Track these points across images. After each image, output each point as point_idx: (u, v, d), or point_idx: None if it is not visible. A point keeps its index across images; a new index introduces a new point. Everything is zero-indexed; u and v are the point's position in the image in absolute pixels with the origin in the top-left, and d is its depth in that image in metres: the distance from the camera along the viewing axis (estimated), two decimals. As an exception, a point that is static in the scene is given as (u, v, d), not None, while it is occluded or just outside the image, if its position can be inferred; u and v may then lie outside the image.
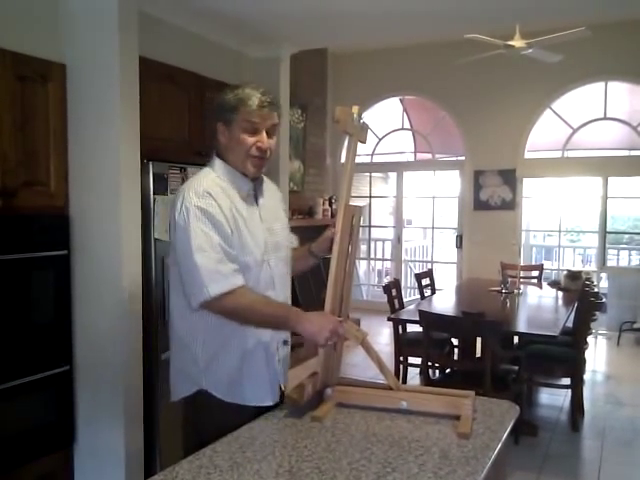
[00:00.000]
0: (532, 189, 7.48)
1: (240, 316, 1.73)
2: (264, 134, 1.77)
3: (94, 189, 2.81)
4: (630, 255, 8.72)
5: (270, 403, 1.82)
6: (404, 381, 4.48)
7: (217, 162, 1.83)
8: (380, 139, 8.28)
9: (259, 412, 1.78)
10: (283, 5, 3.37)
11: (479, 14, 3.59)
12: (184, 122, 3.39)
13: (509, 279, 5.13)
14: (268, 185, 1.97)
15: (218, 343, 1.78)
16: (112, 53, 2.73)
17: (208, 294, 1.66)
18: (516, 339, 4.42)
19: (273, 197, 1.97)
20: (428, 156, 8.19)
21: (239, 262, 1.73)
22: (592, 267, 7.86)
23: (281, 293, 1.87)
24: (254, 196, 1.85)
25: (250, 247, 1.76)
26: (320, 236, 1.93)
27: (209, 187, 1.73)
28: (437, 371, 4.56)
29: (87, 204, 2.83)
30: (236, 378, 1.79)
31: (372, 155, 8.35)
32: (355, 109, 1.77)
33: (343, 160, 8.12)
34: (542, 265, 6.40)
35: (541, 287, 5.67)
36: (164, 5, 3.27)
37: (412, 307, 4.65)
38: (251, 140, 1.76)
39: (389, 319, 4.37)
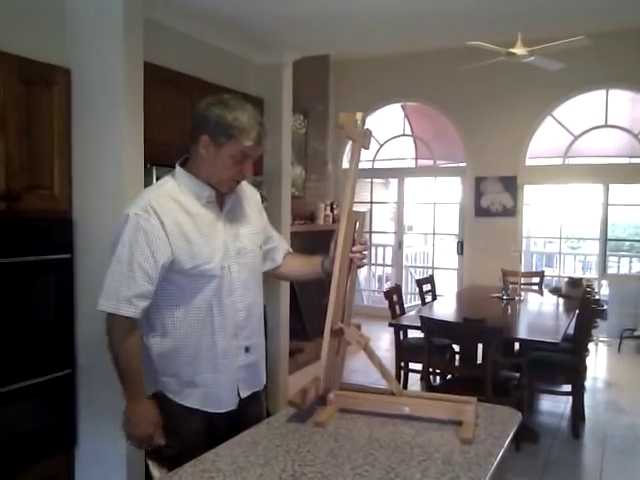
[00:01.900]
0: (533, 196, 7.49)
1: (110, 345, 1.75)
2: (250, 162, 1.77)
3: (98, 193, 2.82)
4: (631, 262, 8.71)
5: (221, 410, 1.83)
6: (405, 387, 4.48)
7: (178, 170, 1.81)
8: (381, 145, 8.29)
9: (213, 418, 1.82)
10: (286, 12, 3.38)
11: (481, 22, 3.61)
12: (187, 127, 3.39)
13: (510, 286, 5.13)
14: (242, 189, 1.93)
15: (172, 342, 1.78)
16: (117, 58, 2.75)
17: (99, 305, 1.73)
18: (517, 346, 4.42)
19: (246, 201, 1.93)
20: (429, 162, 8.20)
21: (166, 284, 1.74)
22: (593, 274, 7.87)
23: (242, 299, 1.84)
24: (217, 202, 1.81)
25: (204, 255, 1.73)
26: (330, 252, 1.87)
27: (156, 200, 1.72)
28: (438, 377, 4.56)
29: (90, 208, 2.84)
30: (188, 381, 1.80)
31: (373, 161, 8.37)
32: (359, 115, 1.78)
33: (345, 166, 8.16)
34: (543, 272, 6.41)
35: (542, 294, 5.67)
36: (168, 11, 3.29)
37: (413, 313, 4.65)
38: (237, 168, 1.75)
39: (390, 325, 4.37)
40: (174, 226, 1.71)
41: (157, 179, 2.96)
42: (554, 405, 4.64)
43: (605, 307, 4.37)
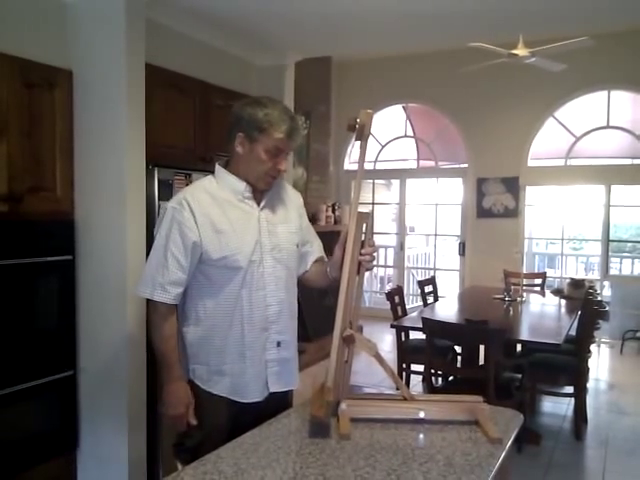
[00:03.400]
0: (535, 197, 7.48)
1: (149, 327, 1.87)
2: (284, 157, 1.84)
3: (100, 195, 2.83)
4: (633, 263, 8.70)
5: (246, 401, 1.87)
6: (407, 388, 4.47)
7: (217, 169, 1.91)
8: (383, 146, 8.29)
9: (239, 411, 1.86)
10: (288, 13, 3.39)
11: (483, 23, 3.61)
12: (189, 128, 3.41)
13: (512, 287, 5.12)
14: (282, 189, 2.02)
15: (203, 331, 1.86)
16: (119, 60, 2.76)
17: (137, 290, 1.86)
18: (519, 347, 4.41)
19: (285, 201, 2.00)
20: (431, 163, 8.20)
21: (201, 272, 1.83)
22: (595, 275, 7.86)
23: (274, 294, 1.88)
24: (255, 199, 1.88)
25: (232, 247, 1.80)
26: (332, 257, 1.89)
27: (191, 194, 1.83)
28: (440, 379, 4.56)
29: (92, 209, 2.85)
30: (217, 369, 1.87)
31: (375, 162, 8.37)
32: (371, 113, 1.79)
33: (347, 167, 8.17)
34: (545, 273, 6.39)
35: (544, 295, 5.66)
36: (170, 12, 3.30)
37: (415, 314, 4.65)
38: (272, 162, 1.82)
39: (392, 326, 4.37)
40: (205, 218, 1.80)
41: (159, 181, 2.97)
42: (556, 407, 4.64)
43: (607, 308, 4.36)
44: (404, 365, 4.50)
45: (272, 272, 1.88)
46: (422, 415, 1.70)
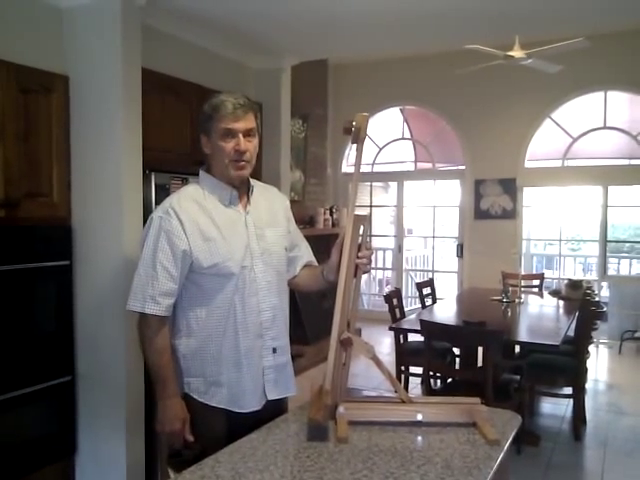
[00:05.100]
0: (532, 198, 7.50)
1: (140, 342, 1.83)
2: (241, 137, 1.79)
3: (96, 200, 2.82)
4: (631, 264, 8.71)
5: (245, 411, 1.84)
6: (405, 391, 4.47)
7: (200, 174, 1.90)
8: (381, 149, 8.31)
9: (237, 421, 1.82)
10: (284, 17, 3.39)
11: (479, 24, 3.62)
12: (186, 133, 3.40)
13: (510, 288, 5.13)
14: (268, 193, 2.01)
15: (197, 342, 1.83)
16: (115, 65, 2.75)
17: (128, 305, 1.80)
18: (517, 348, 4.41)
19: (272, 204, 1.99)
20: (428, 165, 8.21)
21: (192, 281, 1.80)
22: (593, 276, 7.86)
23: (267, 299, 1.86)
24: (241, 203, 1.87)
25: (223, 254, 1.78)
26: (329, 260, 1.88)
27: (178, 202, 1.80)
28: (438, 381, 4.56)
29: (89, 215, 2.84)
30: (214, 380, 1.84)
31: (373, 165, 8.38)
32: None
33: (344, 170, 8.18)
34: (543, 274, 6.40)
35: (542, 296, 5.67)
36: (166, 17, 3.30)
37: (413, 316, 4.65)
38: (229, 145, 1.79)
39: (390, 328, 4.37)
40: (193, 226, 1.77)
41: (156, 185, 2.97)
42: (555, 408, 4.64)
43: (605, 309, 4.37)
44: (403, 367, 4.50)
45: (263, 277, 1.86)
46: (420, 417, 1.70)
